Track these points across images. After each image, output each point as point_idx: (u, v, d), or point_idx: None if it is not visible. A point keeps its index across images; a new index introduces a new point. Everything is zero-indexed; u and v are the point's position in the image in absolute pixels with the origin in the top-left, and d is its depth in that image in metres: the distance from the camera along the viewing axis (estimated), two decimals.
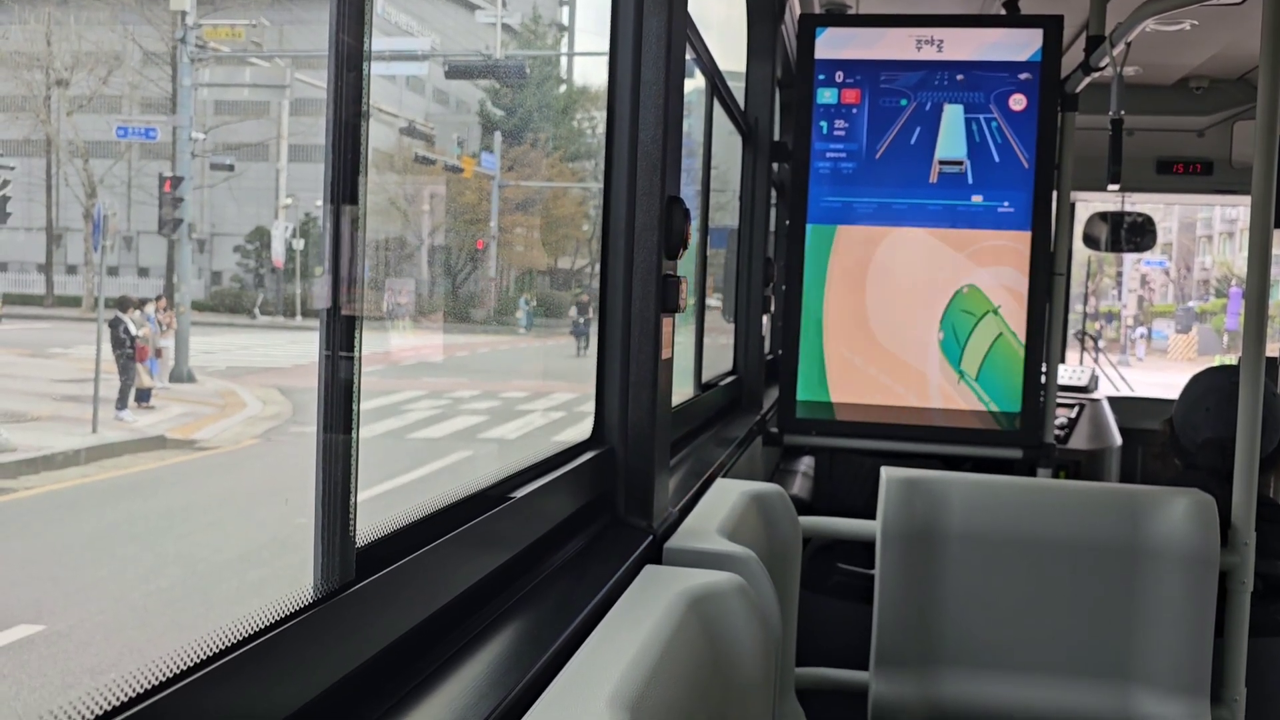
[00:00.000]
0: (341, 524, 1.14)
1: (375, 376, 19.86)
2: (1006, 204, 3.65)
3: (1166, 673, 2.69)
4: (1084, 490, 2.93)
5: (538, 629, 1.48)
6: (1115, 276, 49.96)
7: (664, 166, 2.04)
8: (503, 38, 27.08)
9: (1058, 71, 3.67)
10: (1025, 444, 3.70)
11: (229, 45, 22.72)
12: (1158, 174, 5.59)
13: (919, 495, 2.83)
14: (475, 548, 1.49)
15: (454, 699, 1.22)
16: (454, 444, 14.65)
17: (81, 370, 16.58)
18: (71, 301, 27.97)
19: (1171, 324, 45.56)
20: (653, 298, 2.04)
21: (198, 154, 23.07)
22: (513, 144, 35.56)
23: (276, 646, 1.02)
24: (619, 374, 2.07)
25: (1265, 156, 2.81)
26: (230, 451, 14.06)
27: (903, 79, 3.69)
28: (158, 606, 7.58)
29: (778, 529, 2.42)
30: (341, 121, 1.15)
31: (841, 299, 3.76)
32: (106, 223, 16.35)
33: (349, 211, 1.15)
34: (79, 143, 28.11)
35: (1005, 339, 3.67)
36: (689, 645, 1.53)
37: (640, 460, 2.07)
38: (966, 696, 2.80)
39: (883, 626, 2.82)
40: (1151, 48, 4.39)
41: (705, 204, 3.91)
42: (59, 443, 12.96)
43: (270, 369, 21.85)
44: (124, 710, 0.84)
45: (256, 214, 33.28)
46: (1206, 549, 2.67)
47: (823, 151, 3.74)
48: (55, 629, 7.06)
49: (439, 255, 30.60)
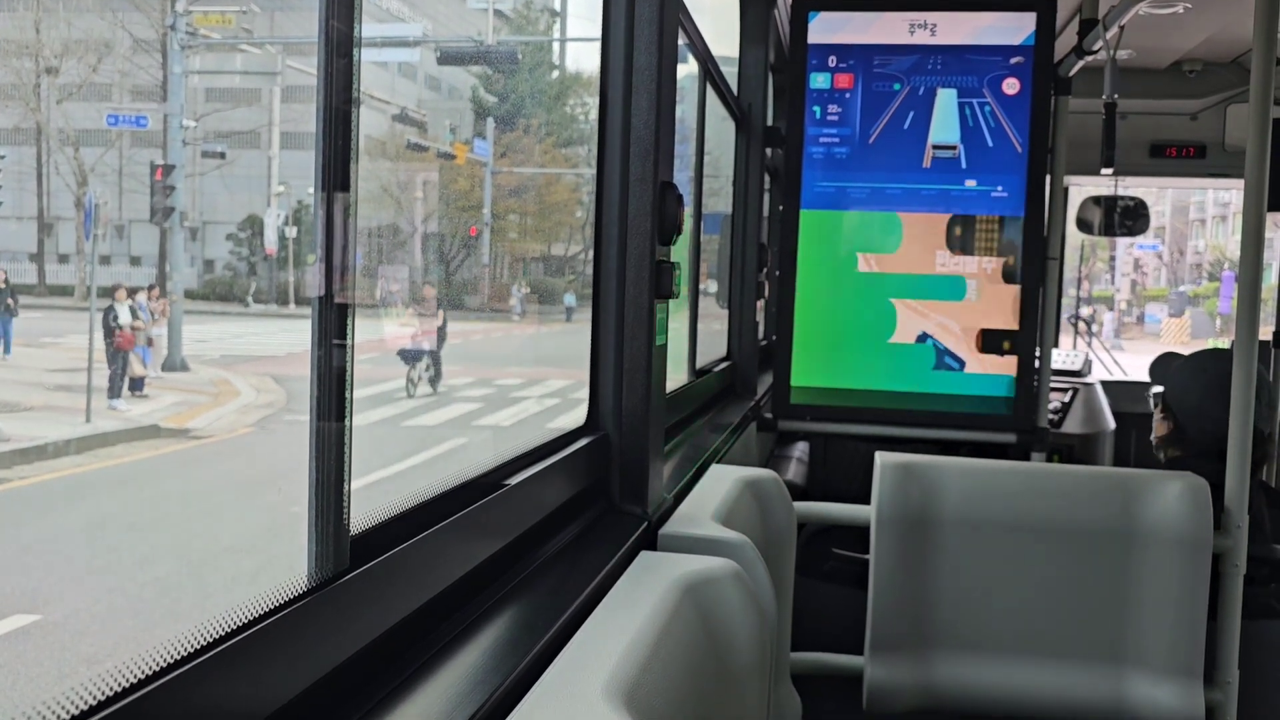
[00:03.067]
0: (335, 512, 1.14)
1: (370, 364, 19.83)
2: (1000, 188, 3.65)
3: (1160, 655, 2.70)
4: (1077, 474, 2.94)
5: (532, 616, 1.48)
6: (1108, 260, 49.99)
7: (657, 152, 2.03)
8: (495, 23, 27.00)
9: (1051, 55, 3.66)
10: (1019, 428, 3.70)
11: (219, 32, 22.64)
12: (1151, 158, 5.59)
13: (913, 480, 2.83)
14: (470, 535, 1.48)
15: (449, 687, 1.22)
16: (448, 431, 14.64)
17: (74, 360, 16.55)
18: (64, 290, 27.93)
19: (1165, 308, 45.61)
20: (646, 284, 2.04)
21: (189, 142, 23.00)
22: (505, 130, 35.51)
23: (271, 635, 1.02)
24: (613, 360, 2.07)
25: (1258, 140, 2.81)
26: (225, 440, 14.04)
27: (896, 63, 3.68)
28: (153, 595, 7.58)
29: (772, 515, 2.42)
30: (332, 109, 1.14)
31: (835, 283, 3.76)
32: (98, 211, 16.30)
33: (341, 199, 1.14)
34: (69, 131, 28.00)
35: (995, 323, 3.67)
36: (684, 631, 1.53)
37: (635, 447, 2.07)
38: (960, 680, 2.81)
39: (877, 611, 2.82)
40: (1145, 31, 4.39)
41: (699, 189, 3.91)
42: (52, 432, 12.94)
43: (264, 357, 21.83)
44: (120, 699, 0.84)
45: (249, 201, 33.18)
46: (1199, 532, 2.67)
47: (816, 136, 3.74)
48: (51, 618, 7.05)
49: (432, 242, 30.61)
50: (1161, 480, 2.75)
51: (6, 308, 17.32)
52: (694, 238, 3.76)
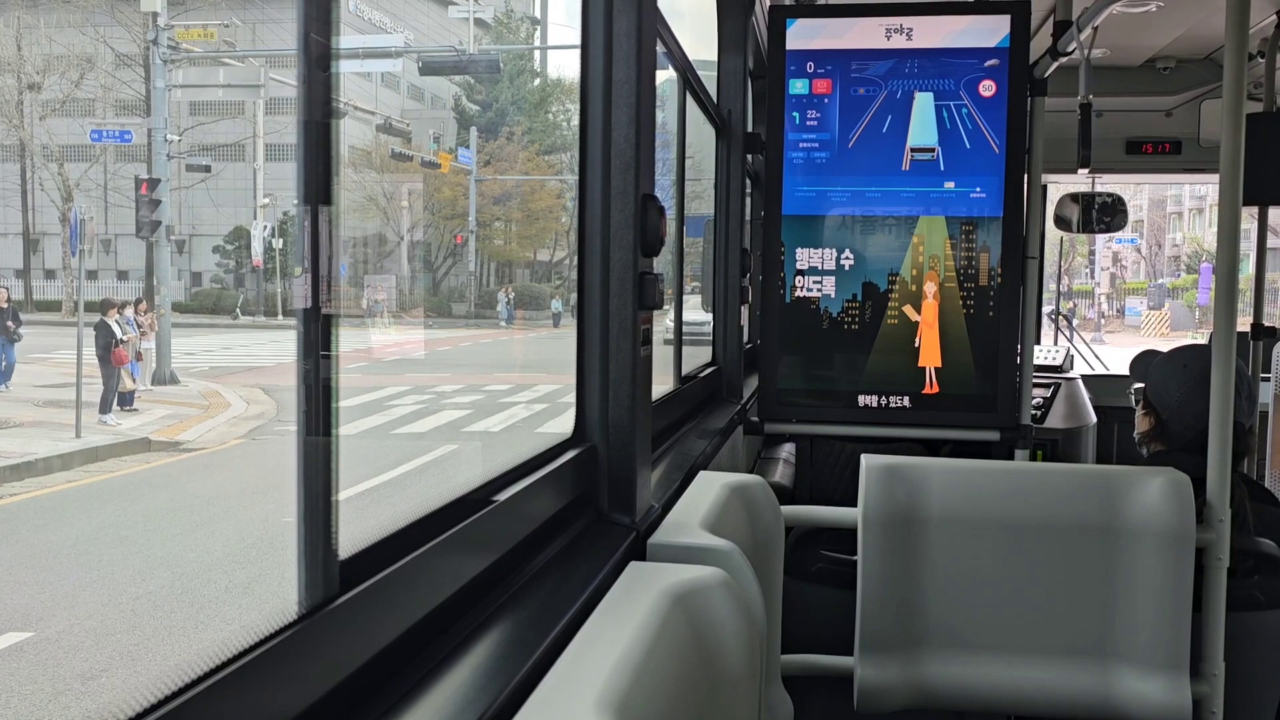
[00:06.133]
0: (324, 538, 1.16)
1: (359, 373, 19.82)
2: (978, 189, 3.68)
3: (1146, 650, 2.73)
4: (1061, 472, 2.96)
5: (523, 632, 1.49)
6: (1088, 255, 50.17)
7: (638, 165, 2.05)
8: (476, 32, 27.02)
9: (1026, 57, 3.69)
10: (1002, 426, 3.73)
11: (202, 46, 22.62)
12: (1127, 154, 5.62)
13: (899, 481, 2.86)
14: (459, 553, 1.50)
15: (440, 707, 1.24)
16: (437, 440, 14.64)
17: (63, 375, 16.52)
18: (51, 306, 27.82)
19: (1144, 301, 45.83)
20: (630, 295, 2.06)
21: (173, 155, 22.97)
22: (489, 138, 35.44)
23: (261, 664, 1.03)
24: (598, 371, 2.08)
25: (1232, 134, 2.83)
26: (216, 451, 14.04)
27: (873, 68, 3.71)
28: (147, 609, 7.58)
29: (760, 519, 2.44)
30: (313, 123, 1.15)
31: (818, 287, 3.78)
32: (84, 226, 16.27)
33: (324, 212, 1.16)
34: (53, 146, 27.97)
35: (979, 323, 3.70)
36: (674, 641, 1.55)
37: (622, 457, 2.08)
38: (950, 678, 2.83)
39: (866, 612, 2.85)
40: (1118, 29, 4.42)
41: (681, 195, 3.93)
42: (42, 448, 12.92)
43: (253, 369, 21.81)
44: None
45: (235, 214, 33.18)
46: (1182, 527, 2.70)
47: (796, 142, 3.76)
48: (44, 635, 7.05)
49: (418, 251, 30.49)
50: (1144, 476, 2.77)
51: (6, 330, 17.20)
52: (677, 243, 3.78)
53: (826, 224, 3.77)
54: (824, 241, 3.77)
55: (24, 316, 20.05)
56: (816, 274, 3.78)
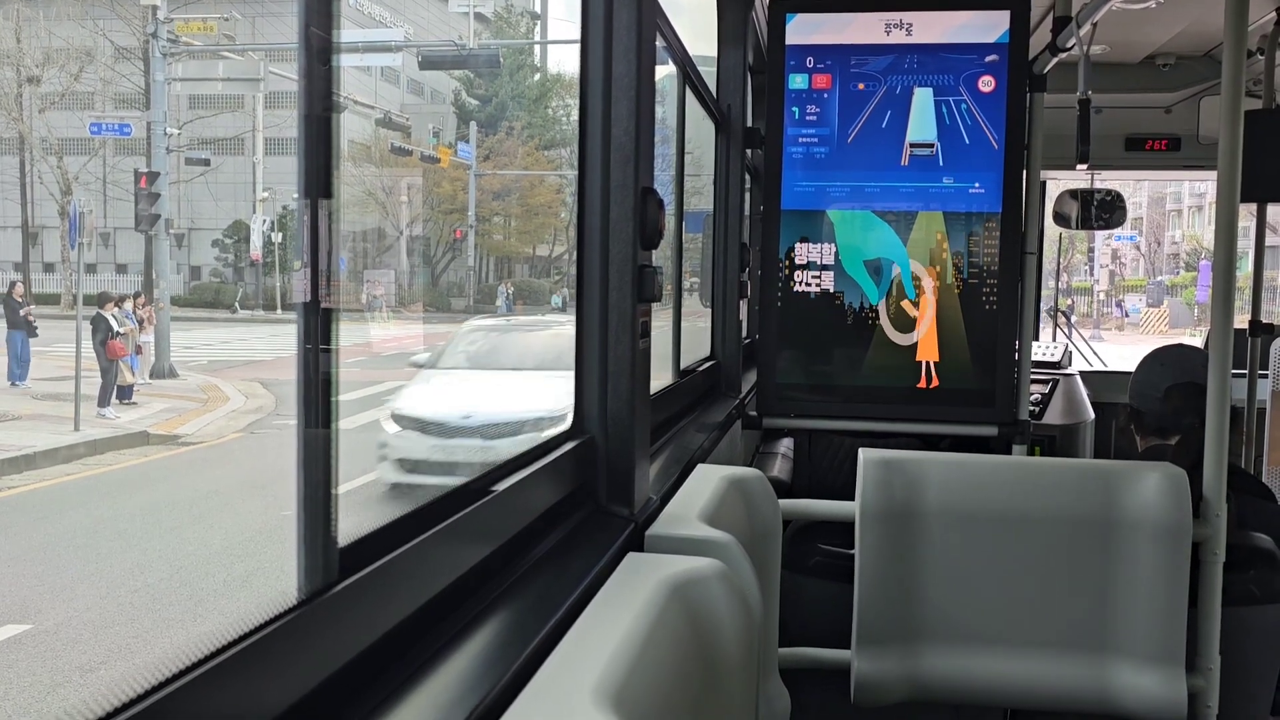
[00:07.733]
0: (323, 525, 1.17)
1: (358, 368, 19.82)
2: (977, 185, 3.68)
3: (1142, 644, 2.74)
4: (1058, 466, 2.97)
5: (521, 622, 1.50)
6: (1087, 252, 50.20)
7: (638, 159, 2.05)
8: (476, 27, 26.98)
9: (1025, 53, 3.69)
10: (1000, 421, 3.74)
11: (201, 39, 22.59)
12: (1126, 151, 5.63)
13: (897, 475, 2.87)
14: (458, 542, 1.50)
15: (438, 695, 1.24)
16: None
17: (62, 369, 16.52)
18: (50, 299, 27.79)
19: (1143, 298, 45.88)
20: (629, 288, 2.06)
21: (173, 149, 22.95)
22: (489, 133, 35.39)
23: (261, 649, 1.04)
24: (597, 364, 2.09)
25: (1231, 131, 2.84)
26: (214, 445, 14.04)
27: (873, 63, 3.71)
28: (145, 602, 7.59)
29: (758, 512, 2.45)
30: (313, 116, 1.16)
31: (817, 282, 3.79)
32: (83, 220, 16.27)
33: (324, 206, 1.16)
34: (52, 140, 27.95)
35: (977, 318, 3.71)
36: (671, 632, 1.55)
37: (620, 449, 2.09)
38: (947, 672, 2.84)
39: (864, 605, 2.86)
40: (1118, 26, 4.42)
41: (680, 190, 3.93)
42: (41, 441, 12.92)
43: (252, 362, 21.81)
44: (110, 718, 0.86)
45: (234, 208, 33.17)
46: (1179, 521, 2.71)
47: (795, 137, 3.77)
48: (43, 627, 7.06)
49: (418, 245, 30.43)
50: (1140, 471, 2.78)
51: (27, 324, 17.13)
52: (676, 237, 3.79)
53: (825, 219, 3.78)
54: (823, 236, 3.78)
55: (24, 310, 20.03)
56: (815, 269, 3.78)
